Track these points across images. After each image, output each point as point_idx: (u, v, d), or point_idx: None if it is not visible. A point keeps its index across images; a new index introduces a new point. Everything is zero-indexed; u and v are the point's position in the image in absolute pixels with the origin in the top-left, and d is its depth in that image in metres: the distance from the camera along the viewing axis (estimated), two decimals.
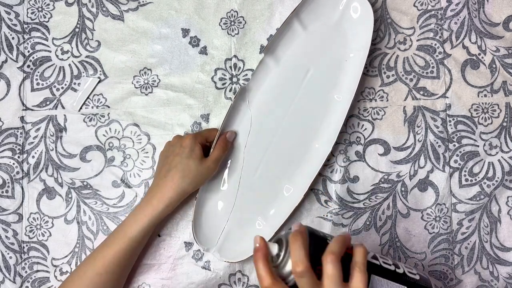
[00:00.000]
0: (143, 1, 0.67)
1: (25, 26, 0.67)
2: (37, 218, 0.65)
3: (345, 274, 0.43)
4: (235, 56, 0.67)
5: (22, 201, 0.65)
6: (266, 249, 0.44)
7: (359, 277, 0.43)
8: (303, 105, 0.64)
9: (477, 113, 0.65)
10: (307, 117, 0.64)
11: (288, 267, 0.44)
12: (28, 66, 0.66)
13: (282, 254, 0.44)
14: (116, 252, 0.57)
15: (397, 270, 0.49)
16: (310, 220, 0.65)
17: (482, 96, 0.66)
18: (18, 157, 0.66)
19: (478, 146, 0.65)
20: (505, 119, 0.65)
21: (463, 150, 0.65)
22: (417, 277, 0.51)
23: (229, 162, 0.65)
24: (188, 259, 0.65)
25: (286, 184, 0.64)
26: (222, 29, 0.67)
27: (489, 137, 0.65)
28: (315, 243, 0.44)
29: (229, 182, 0.64)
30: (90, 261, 0.58)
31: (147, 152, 0.66)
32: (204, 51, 0.67)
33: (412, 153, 0.65)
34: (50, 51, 0.67)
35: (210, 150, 0.61)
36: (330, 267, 0.42)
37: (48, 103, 0.66)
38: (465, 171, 0.65)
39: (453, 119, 0.65)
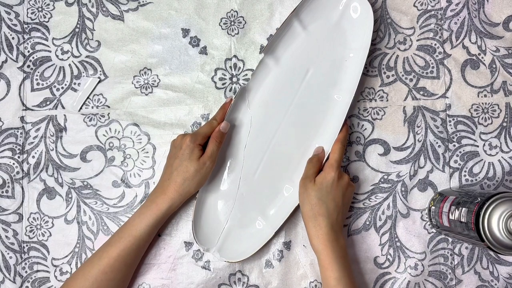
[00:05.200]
0: (143, 1, 0.67)
1: (25, 26, 0.67)
2: (37, 218, 0.65)
3: None
4: (235, 56, 0.67)
5: (22, 201, 0.65)
6: None
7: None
8: (303, 105, 0.64)
9: (477, 113, 0.65)
10: (307, 117, 0.64)
11: None
12: (28, 66, 0.66)
13: None
14: (121, 250, 0.57)
15: None
16: None
17: (482, 96, 0.66)
18: (18, 157, 0.66)
19: (478, 146, 0.65)
20: (505, 119, 0.65)
21: (463, 150, 0.65)
22: None
23: (229, 162, 0.65)
24: (188, 259, 0.65)
25: (286, 184, 0.64)
26: (222, 29, 0.67)
27: (489, 137, 0.65)
28: None
29: (229, 182, 0.64)
30: (95, 260, 0.58)
31: (147, 152, 0.66)
32: (204, 51, 0.67)
33: (412, 153, 0.65)
34: (50, 51, 0.67)
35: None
36: None
37: (48, 103, 0.66)
38: (465, 171, 0.65)
39: (453, 119, 0.65)
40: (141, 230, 0.58)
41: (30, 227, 0.65)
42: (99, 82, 0.66)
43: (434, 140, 0.65)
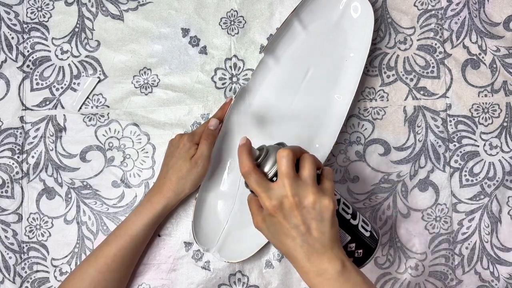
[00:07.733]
0: (142, 1, 0.67)
1: (24, 25, 0.67)
2: (37, 218, 0.65)
3: None
4: (235, 56, 0.66)
5: (22, 201, 0.65)
6: (250, 145, 0.50)
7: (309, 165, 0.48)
8: (303, 105, 0.64)
9: (477, 113, 0.65)
10: (307, 116, 0.64)
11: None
12: (28, 66, 0.66)
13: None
14: (118, 250, 0.57)
15: (351, 220, 0.53)
16: None
17: (482, 96, 0.65)
18: (18, 157, 0.66)
19: (478, 146, 0.65)
20: (506, 119, 0.65)
21: (464, 150, 0.65)
22: (367, 234, 0.54)
23: (229, 162, 0.65)
24: (188, 259, 0.65)
25: None
26: (222, 28, 0.67)
27: (489, 137, 0.65)
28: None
29: (229, 182, 0.64)
30: (92, 260, 0.57)
31: (147, 152, 0.66)
32: (204, 51, 0.67)
33: (413, 153, 0.65)
34: (49, 51, 0.67)
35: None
36: (282, 162, 0.47)
37: (47, 103, 0.66)
38: (465, 171, 0.65)
39: (454, 119, 0.65)
40: (138, 229, 0.58)
41: (30, 227, 0.65)
42: (98, 82, 0.66)
43: (435, 140, 0.65)
